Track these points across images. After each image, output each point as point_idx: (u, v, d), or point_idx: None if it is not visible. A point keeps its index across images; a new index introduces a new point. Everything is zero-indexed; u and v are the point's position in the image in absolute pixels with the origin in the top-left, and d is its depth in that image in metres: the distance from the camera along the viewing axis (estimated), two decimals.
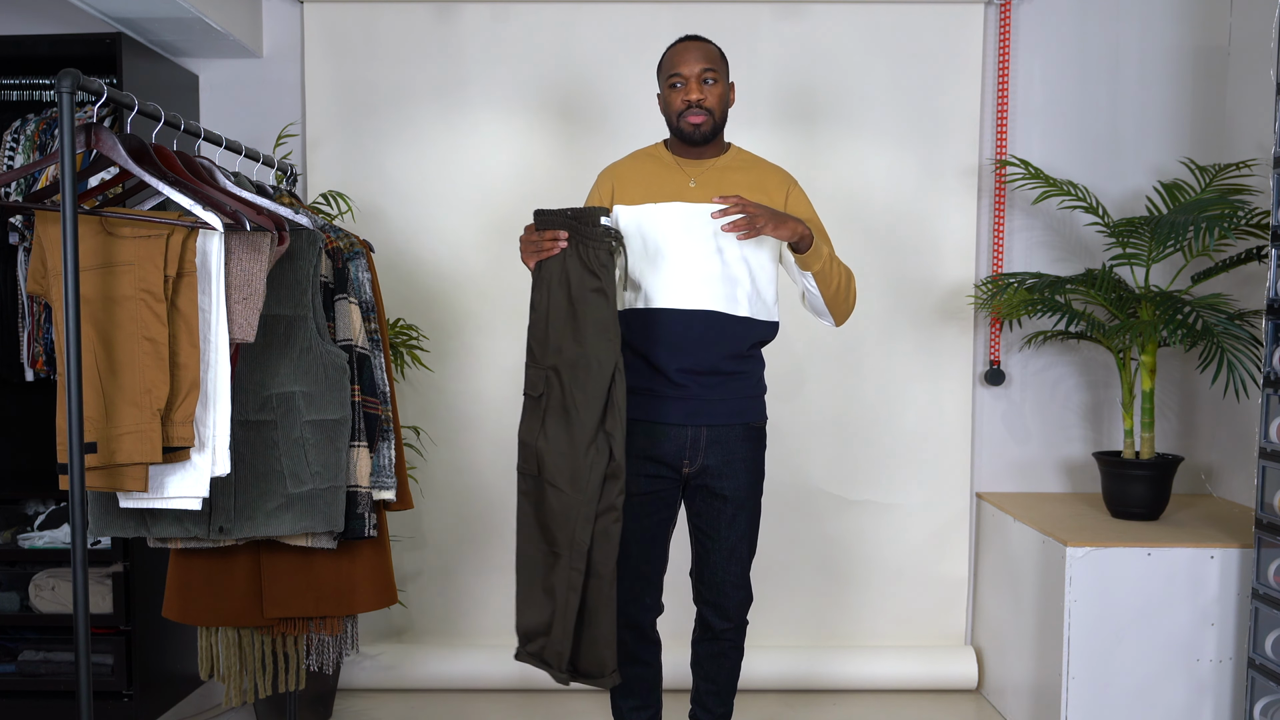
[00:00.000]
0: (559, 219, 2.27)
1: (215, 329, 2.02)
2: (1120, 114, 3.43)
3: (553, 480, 2.25)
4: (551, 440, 2.25)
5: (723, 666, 2.51)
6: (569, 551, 2.23)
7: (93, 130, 2.04)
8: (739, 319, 2.36)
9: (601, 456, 2.20)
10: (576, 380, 2.22)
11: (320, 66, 3.40)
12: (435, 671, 3.36)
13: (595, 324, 2.21)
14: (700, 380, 2.35)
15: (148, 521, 2.20)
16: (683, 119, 2.36)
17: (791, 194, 2.44)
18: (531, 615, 2.33)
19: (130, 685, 2.92)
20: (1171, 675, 2.74)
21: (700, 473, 2.38)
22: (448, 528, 3.48)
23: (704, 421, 2.36)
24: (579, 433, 2.21)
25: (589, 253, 2.23)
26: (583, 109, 3.41)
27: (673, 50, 2.40)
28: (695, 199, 2.37)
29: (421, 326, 3.36)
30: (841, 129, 3.41)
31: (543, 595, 2.30)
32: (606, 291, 2.21)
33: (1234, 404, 3.17)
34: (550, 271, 2.27)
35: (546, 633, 2.29)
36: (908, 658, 3.41)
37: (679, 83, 2.36)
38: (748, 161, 2.46)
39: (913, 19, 3.38)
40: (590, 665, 2.26)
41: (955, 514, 3.48)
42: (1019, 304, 3.10)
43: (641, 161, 2.46)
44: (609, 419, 2.20)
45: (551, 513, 2.26)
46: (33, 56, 3.00)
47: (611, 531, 2.21)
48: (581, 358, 2.22)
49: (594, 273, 2.22)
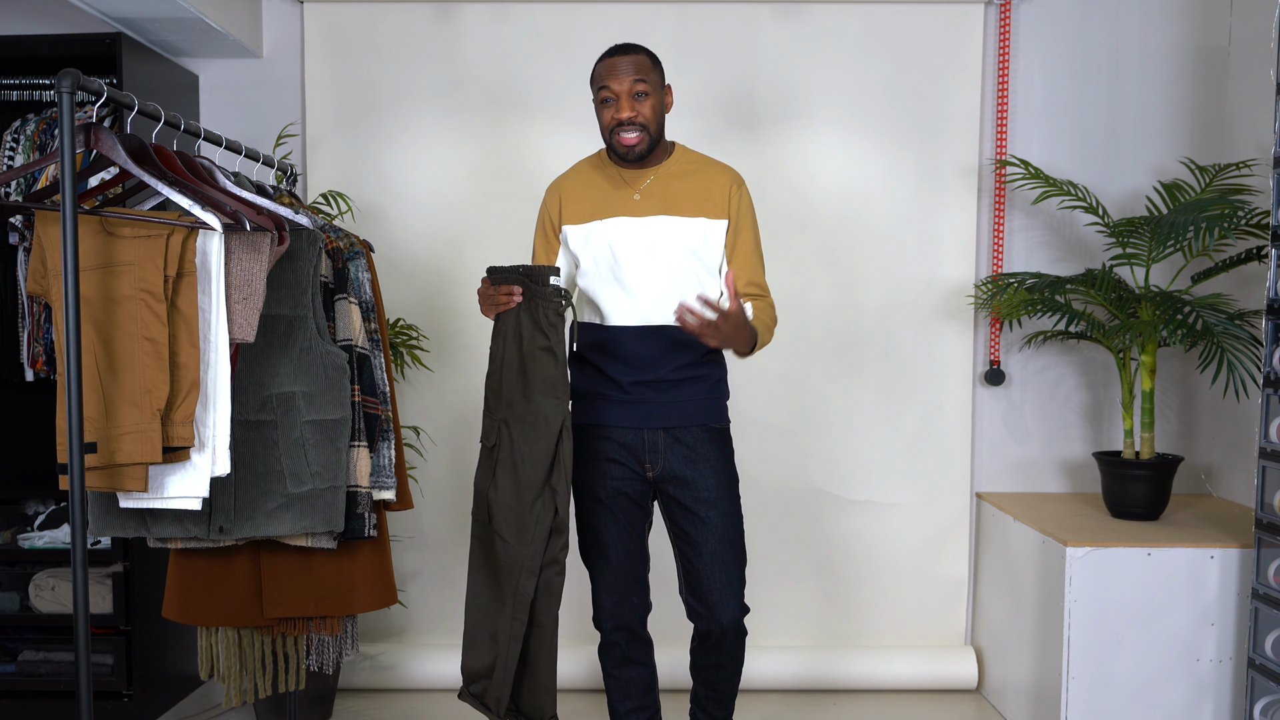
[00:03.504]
0: (511, 275, 2.29)
1: (215, 329, 2.02)
2: (1120, 114, 3.43)
3: (500, 531, 2.30)
4: (500, 491, 2.29)
5: (722, 676, 2.48)
6: (513, 601, 2.28)
7: (93, 130, 2.04)
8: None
9: (547, 511, 2.24)
10: (525, 435, 2.25)
11: (320, 66, 3.40)
12: (435, 671, 3.36)
13: (543, 381, 2.24)
14: (653, 387, 2.34)
15: (148, 521, 2.20)
16: (615, 137, 2.31)
17: (736, 195, 2.39)
18: (475, 657, 2.38)
19: (130, 685, 2.92)
20: (1171, 675, 2.74)
21: (666, 476, 2.36)
22: (448, 528, 3.48)
23: (658, 425, 2.34)
24: (525, 487, 2.25)
25: (539, 311, 2.25)
26: (582, 109, 3.40)
27: (602, 63, 2.32)
28: (639, 212, 2.34)
29: (421, 326, 3.36)
30: (841, 129, 3.41)
31: (488, 639, 2.35)
32: (555, 351, 2.24)
33: (1234, 404, 3.17)
34: (506, 325, 2.31)
35: (489, 675, 2.35)
36: (908, 658, 3.41)
37: (609, 98, 2.30)
38: (693, 164, 2.41)
39: (913, 19, 3.38)
40: (531, 709, 2.33)
41: (955, 514, 3.48)
42: (1019, 304, 3.10)
43: (585, 174, 2.43)
44: (555, 475, 2.24)
45: (497, 562, 2.32)
46: (33, 56, 3.00)
47: (554, 585, 2.26)
48: (530, 413, 2.25)
49: (543, 331, 2.24)
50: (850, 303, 3.43)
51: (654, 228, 2.33)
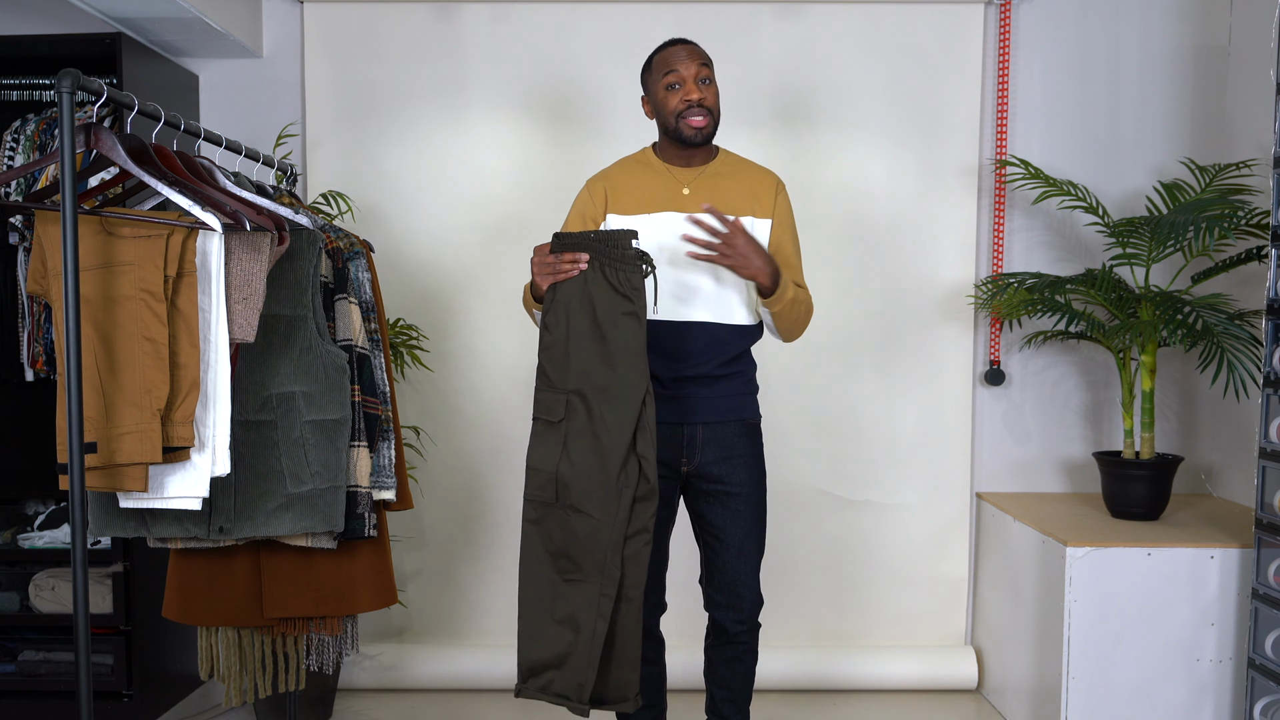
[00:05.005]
0: (583, 241, 2.21)
1: (215, 329, 2.02)
2: (1120, 114, 3.43)
3: (579, 505, 2.19)
4: (578, 465, 2.19)
5: (738, 671, 2.49)
6: (599, 577, 2.17)
7: (92, 130, 2.04)
8: (734, 327, 2.36)
9: (632, 479, 2.16)
10: (608, 403, 2.17)
11: (320, 66, 3.40)
12: (435, 671, 3.36)
13: (626, 348, 2.17)
14: (694, 383, 2.35)
15: (148, 521, 2.20)
16: (683, 120, 2.32)
17: (779, 197, 2.42)
18: (539, 649, 2.24)
19: (130, 685, 2.92)
20: (1171, 675, 2.74)
21: (699, 471, 2.38)
22: (448, 528, 3.48)
23: (698, 419, 2.36)
24: (611, 456, 2.16)
25: (619, 275, 2.17)
26: (582, 109, 3.41)
27: (666, 51, 2.36)
28: (689, 208, 2.34)
29: (421, 326, 3.36)
30: (842, 129, 3.41)
31: (555, 626, 2.23)
32: (639, 315, 2.17)
33: (1234, 404, 3.17)
34: (569, 294, 2.21)
35: (558, 665, 2.22)
36: (908, 658, 3.41)
37: (677, 83, 2.32)
38: (737, 165, 2.43)
39: (912, 19, 3.38)
40: (614, 691, 2.21)
41: (955, 514, 3.48)
42: (1019, 304, 3.10)
43: (632, 169, 2.43)
44: (640, 441, 2.16)
45: (575, 540, 2.20)
46: (33, 56, 3.00)
47: (642, 554, 2.17)
48: (614, 381, 2.17)
49: (626, 296, 2.16)
50: (850, 302, 3.43)
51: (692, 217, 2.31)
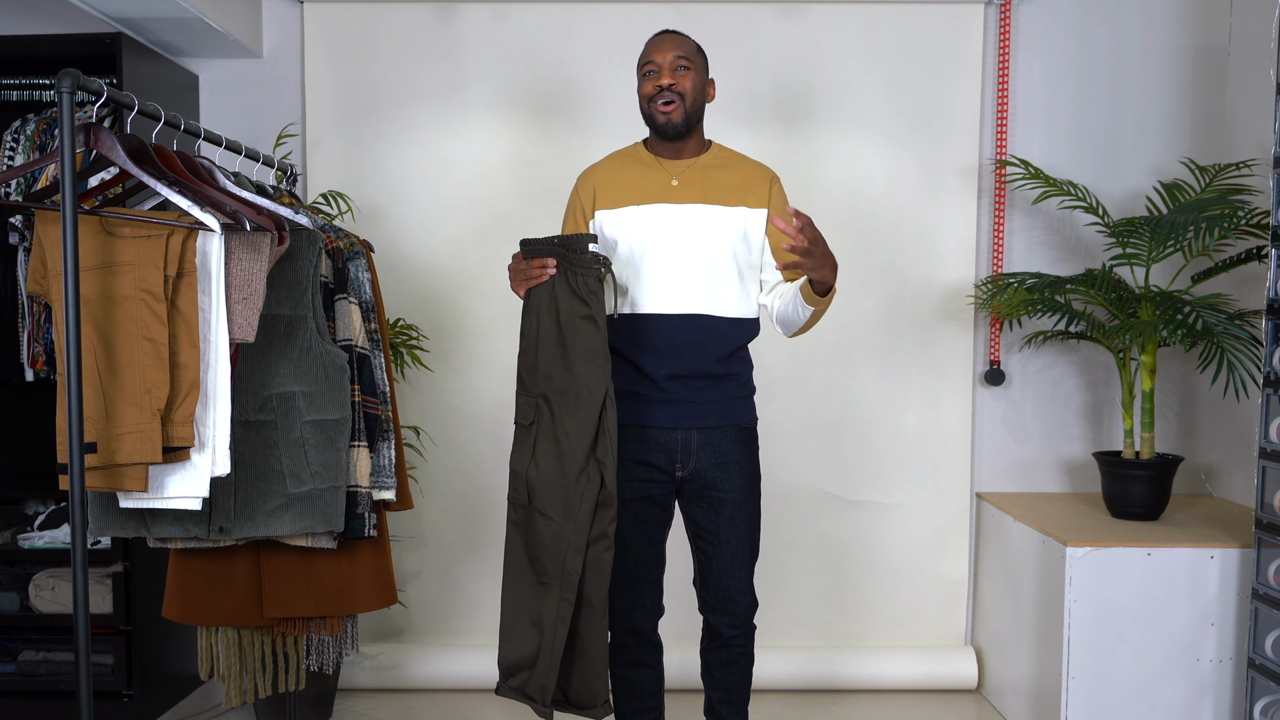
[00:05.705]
0: (546, 247, 2.26)
1: (215, 329, 2.02)
2: (1120, 114, 3.43)
3: (543, 509, 2.24)
4: (542, 469, 2.24)
5: (734, 674, 2.48)
6: (559, 581, 2.22)
7: (92, 130, 2.04)
8: (727, 320, 2.34)
9: (593, 484, 2.20)
10: (566, 408, 2.21)
11: (320, 66, 3.40)
12: (435, 671, 3.36)
13: (585, 351, 2.21)
14: (689, 384, 2.33)
15: (148, 521, 2.20)
16: (653, 105, 2.31)
17: (774, 189, 2.41)
18: (515, 649, 2.31)
19: (130, 685, 2.92)
20: (1171, 675, 2.74)
21: (694, 476, 2.36)
22: (448, 528, 3.48)
23: (693, 424, 2.34)
24: (570, 461, 2.20)
25: (577, 280, 2.22)
26: (583, 109, 3.41)
27: (649, 42, 2.37)
28: (678, 199, 2.33)
29: (421, 326, 3.36)
30: (842, 129, 3.41)
31: (529, 628, 2.28)
32: (596, 319, 2.20)
33: (1234, 404, 3.17)
34: (539, 299, 2.26)
35: (531, 666, 2.28)
36: (908, 658, 3.41)
37: (652, 70, 2.32)
38: (730, 159, 2.42)
39: (912, 19, 3.38)
40: (581, 696, 2.26)
41: (955, 514, 3.48)
42: (1019, 304, 3.10)
43: (621, 163, 2.42)
44: (599, 447, 2.20)
45: (541, 542, 2.25)
46: (33, 56, 3.00)
47: (603, 560, 2.21)
48: (572, 385, 2.21)
49: (583, 300, 2.21)
50: (850, 303, 3.42)
51: (694, 215, 2.32)
